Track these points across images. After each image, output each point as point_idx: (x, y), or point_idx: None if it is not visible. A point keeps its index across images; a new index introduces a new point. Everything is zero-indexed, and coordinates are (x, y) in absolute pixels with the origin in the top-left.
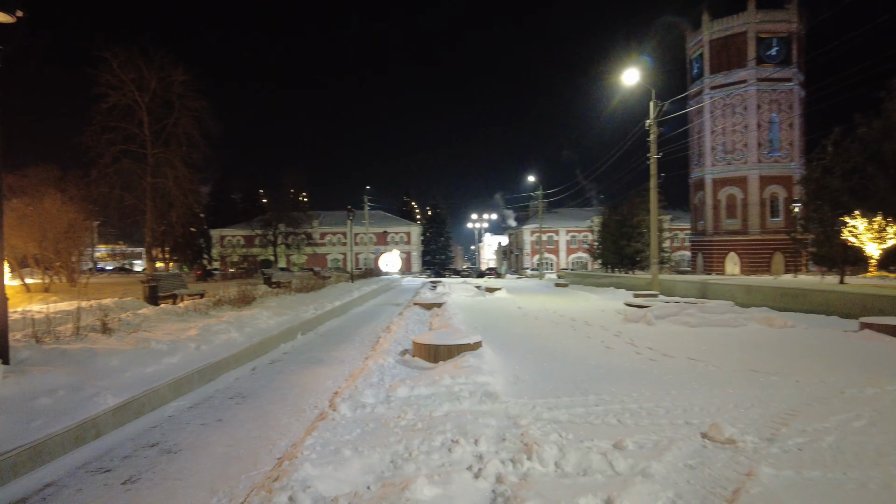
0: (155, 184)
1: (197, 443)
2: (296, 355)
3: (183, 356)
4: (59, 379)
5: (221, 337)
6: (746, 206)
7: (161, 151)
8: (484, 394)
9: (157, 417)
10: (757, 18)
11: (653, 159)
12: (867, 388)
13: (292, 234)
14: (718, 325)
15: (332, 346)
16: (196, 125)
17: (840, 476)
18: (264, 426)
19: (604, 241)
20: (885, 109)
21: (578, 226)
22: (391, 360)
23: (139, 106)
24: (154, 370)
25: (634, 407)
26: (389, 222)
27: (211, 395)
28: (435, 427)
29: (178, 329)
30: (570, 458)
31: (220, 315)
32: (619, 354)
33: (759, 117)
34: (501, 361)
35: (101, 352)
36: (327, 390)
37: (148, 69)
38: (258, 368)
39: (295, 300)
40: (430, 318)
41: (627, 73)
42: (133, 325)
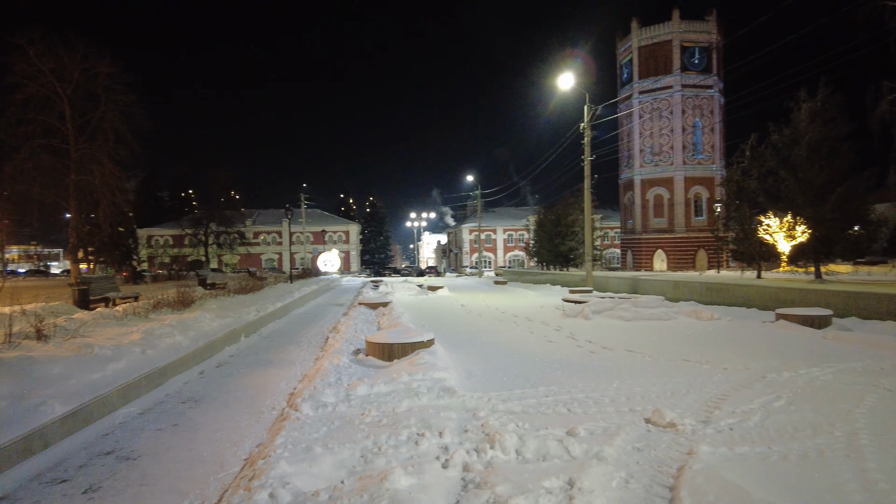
0: (79, 181)
1: (155, 448)
2: (243, 358)
3: (129, 361)
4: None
5: (166, 340)
6: (673, 206)
7: (86, 147)
8: (441, 389)
9: (107, 425)
10: (681, 28)
11: (587, 161)
12: (784, 373)
13: (224, 234)
14: (651, 318)
15: (279, 348)
16: (125, 120)
17: (765, 450)
18: (223, 429)
19: (539, 239)
20: (793, 119)
21: (515, 225)
22: (346, 360)
23: (60, 98)
24: (100, 376)
25: (581, 397)
26: (327, 221)
27: (162, 399)
28: (399, 422)
29: (120, 334)
30: (529, 445)
31: (161, 318)
32: (562, 348)
33: (683, 122)
34: (453, 358)
35: (41, 359)
36: (282, 391)
37: (70, 59)
38: (206, 372)
39: (235, 302)
40: (376, 317)
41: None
42: (70, 330)
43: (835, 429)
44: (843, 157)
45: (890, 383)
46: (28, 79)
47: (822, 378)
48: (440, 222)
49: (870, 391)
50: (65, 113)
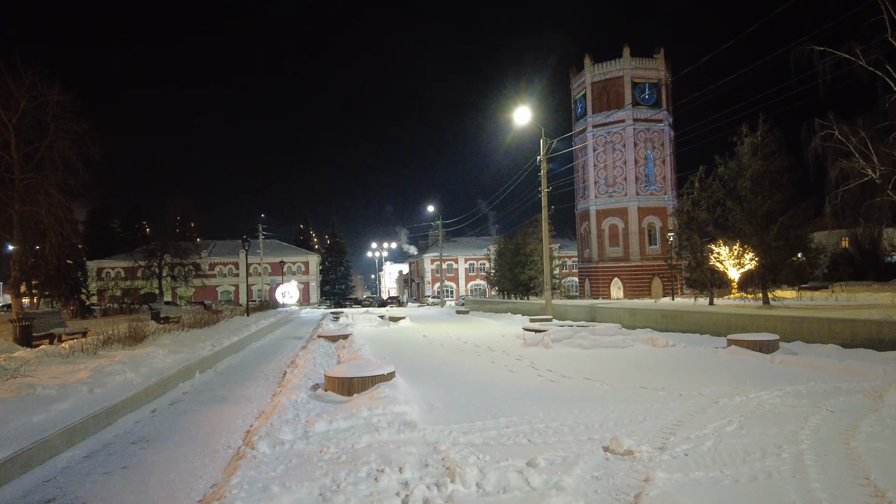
0: (24, 212)
1: (102, 494)
2: (197, 395)
3: (75, 401)
4: None
5: (116, 378)
6: (627, 235)
7: (32, 176)
8: (402, 423)
9: (49, 470)
10: (631, 65)
11: (543, 193)
12: (735, 397)
13: (179, 265)
14: (608, 346)
15: (235, 384)
16: (75, 149)
17: (718, 474)
18: (176, 470)
19: (500, 268)
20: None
21: (476, 254)
22: (304, 396)
23: (4, 126)
24: (43, 418)
25: (542, 426)
26: (286, 251)
27: (110, 441)
28: (359, 458)
29: (66, 372)
30: (489, 477)
31: (111, 355)
32: (523, 377)
33: (636, 154)
34: (415, 390)
35: None
36: (238, 429)
37: (16, 86)
38: (158, 410)
39: (189, 336)
40: (336, 350)
41: (518, 112)
42: (9, 370)
43: (782, 451)
44: (783, 188)
45: (831, 404)
46: None
47: (770, 402)
48: (401, 252)
49: (813, 412)
50: (9, 141)
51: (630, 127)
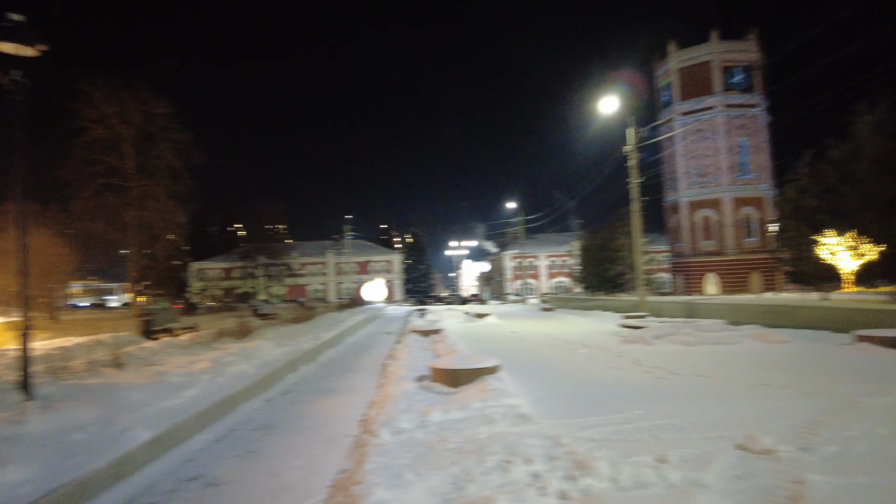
0: (138, 217)
1: (238, 475)
2: (305, 386)
3: (201, 389)
4: (88, 414)
5: (232, 369)
6: (722, 228)
7: (145, 184)
8: (516, 416)
9: (187, 451)
10: (720, 49)
11: (634, 184)
12: (880, 398)
13: (272, 266)
14: (716, 342)
15: (339, 376)
16: (179, 157)
17: (886, 480)
18: (301, 456)
19: (585, 264)
20: (853, 133)
21: (558, 250)
22: (412, 387)
23: (122, 139)
24: (176, 403)
25: (661, 423)
26: (370, 251)
27: (234, 427)
28: (483, 449)
29: (188, 362)
30: (623, 472)
31: (224, 347)
32: (628, 374)
33: (728, 141)
34: (518, 384)
35: (121, 386)
36: (350, 418)
37: (131, 102)
38: (273, 400)
39: (290, 331)
40: (430, 344)
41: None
42: (142, 359)
43: None
44: None
45: None
46: (93, 122)
47: None
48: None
49: None
50: (126, 153)
51: (721, 114)
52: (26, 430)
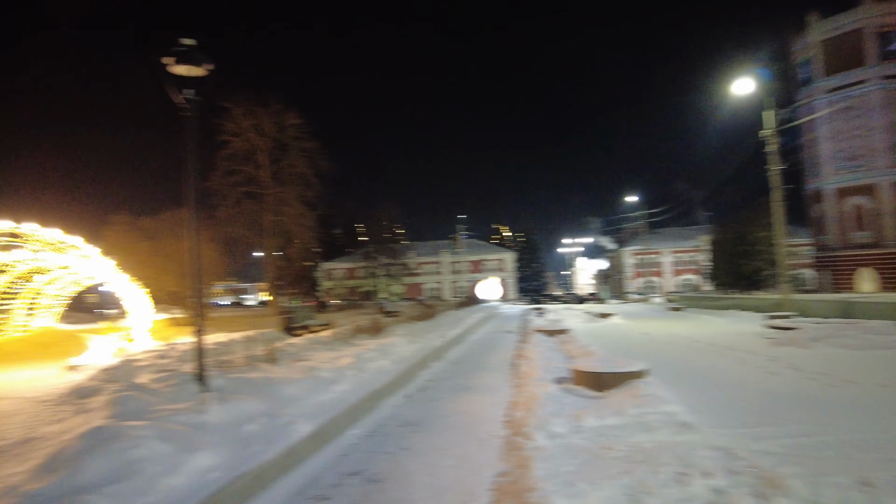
0: (274, 222)
1: (396, 472)
2: (441, 383)
3: (348, 384)
4: (255, 406)
5: (373, 365)
6: (878, 217)
7: (279, 191)
8: (677, 424)
9: (342, 445)
10: (875, 12)
11: (774, 171)
12: None
13: (391, 265)
14: (888, 347)
15: (472, 374)
16: (309, 165)
17: None
18: (453, 455)
19: (716, 260)
20: None
21: (683, 246)
22: (553, 389)
23: (258, 150)
24: (329, 398)
25: (850, 439)
26: (482, 250)
27: (381, 423)
28: (653, 459)
29: (332, 358)
30: (825, 494)
31: (362, 343)
32: (788, 380)
33: (886, 119)
34: (668, 390)
35: (278, 380)
36: (494, 418)
37: (265, 115)
38: (412, 396)
39: (417, 328)
40: (558, 345)
41: (738, 84)
42: (291, 354)
43: None
44: None
45: None
46: (234, 136)
47: None
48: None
49: None
50: (261, 163)
51: (877, 87)
52: (208, 419)
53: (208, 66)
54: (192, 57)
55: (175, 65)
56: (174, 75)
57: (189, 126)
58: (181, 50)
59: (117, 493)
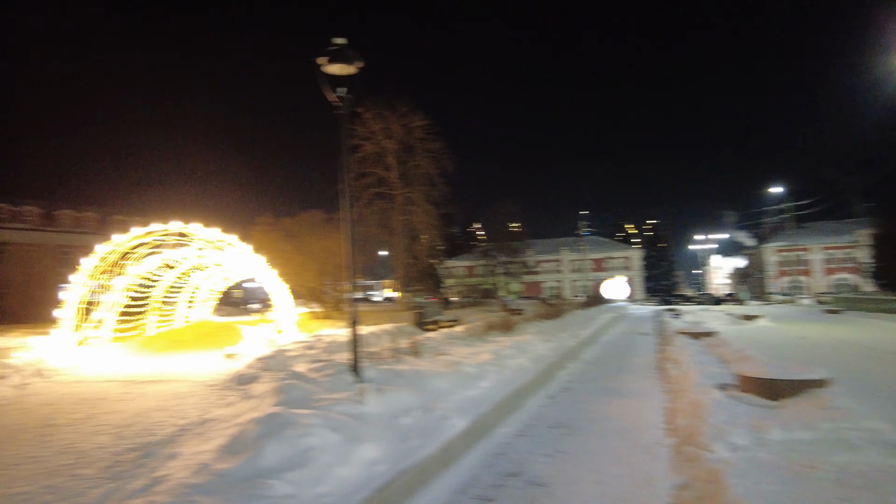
0: (403, 221)
1: (560, 477)
2: (583, 384)
3: (492, 381)
4: (408, 399)
5: (512, 362)
6: None
7: (407, 191)
8: (888, 444)
9: (494, 444)
10: None
11: None
12: None
13: (510, 263)
14: None
15: (614, 376)
16: (434, 165)
17: None
18: (618, 463)
19: (882, 257)
20: None
21: (837, 241)
22: (717, 395)
23: (387, 152)
24: (475, 394)
25: None
26: (606, 247)
27: (529, 423)
28: (877, 486)
29: (471, 353)
30: None
31: (497, 340)
32: None
33: None
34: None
35: (427, 373)
36: (653, 425)
37: (393, 118)
38: (555, 397)
39: (547, 327)
40: (706, 348)
41: None
42: (431, 348)
43: None
44: None
45: None
46: (364, 139)
47: None
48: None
49: None
50: (390, 164)
51: None
52: (366, 410)
53: (359, 64)
54: (344, 55)
55: (328, 64)
56: (327, 75)
57: (343, 123)
58: (333, 49)
59: (296, 480)
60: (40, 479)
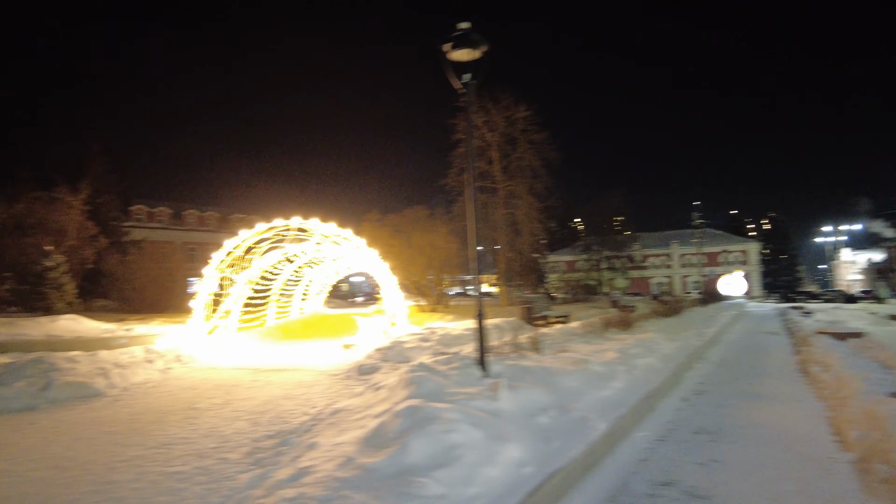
0: (505, 215)
1: (722, 489)
2: (717, 387)
3: (623, 381)
4: (541, 397)
5: (640, 361)
6: None
7: (509, 184)
8: None
9: (635, 448)
10: None
11: None
12: None
13: (615, 258)
14: None
15: (751, 379)
16: (537, 157)
17: None
18: (787, 478)
19: None
20: None
21: None
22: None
23: (489, 145)
24: (608, 394)
25: None
26: (721, 240)
27: (669, 427)
28: None
29: (593, 350)
30: None
31: (618, 338)
32: None
33: None
34: None
35: (555, 371)
36: (816, 436)
37: (495, 110)
38: (689, 399)
39: (666, 325)
40: (856, 350)
41: None
42: (549, 344)
43: None
44: None
45: None
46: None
47: None
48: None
49: None
50: (493, 157)
51: None
52: (501, 406)
53: (483, 48)
54: (469, 40)
55: (452, 50)
56: (452, 61)
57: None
58: (458, 35)
59: (445, 479)
60: (192, 461)
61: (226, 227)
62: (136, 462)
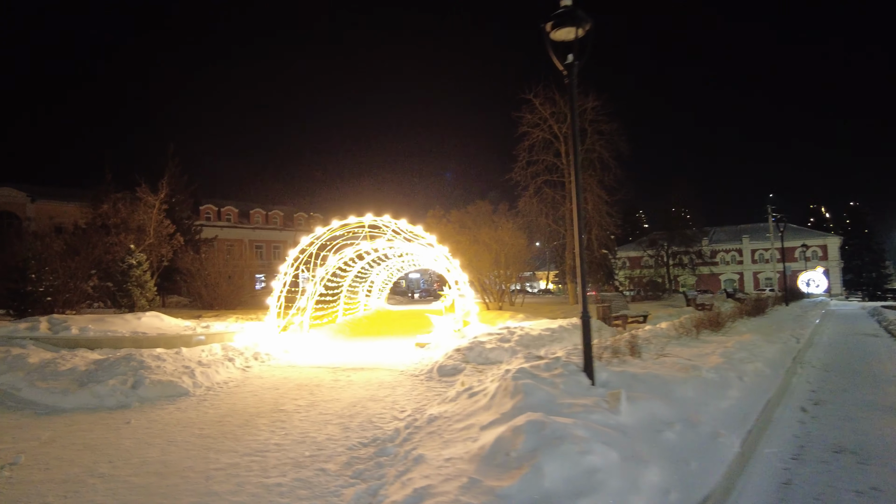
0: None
1: None
2: (833, 395)
3: (738, 389)
4: (661, 409)
5: (749, 367)
6: None
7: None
8: None
9: (770, 469)
10: None
11: None
12: None
13: (683, 254)
14: None
15: (870, 387)
16: (608, 148)
17: None
18: None
19: None
20: None
21: None
22: None
23: (557, 138)
24: (728, 405)
25: None
26: (797, 234)
27: (799, 444)
28: None
29: (695, 354)
30: None
31: (714, 339)
32: None
33: None
34: None
35: (666, 379)
36: None
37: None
38: (809, 411)
39: (757, 325)
40: None
41: None
42: (645, 348)
43: None
44: None
45: None
46: (532, 127)
47: None
48: None
49: None
50: (560, 150)
51: None
52: (623, 421)
53: (586, 27)
54: (573, 17)
55: (553, 30)
56: (554, 41)
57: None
58: (560, 12)
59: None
60: (290, 471)
61: (291, 225)
62: (232, 471)
